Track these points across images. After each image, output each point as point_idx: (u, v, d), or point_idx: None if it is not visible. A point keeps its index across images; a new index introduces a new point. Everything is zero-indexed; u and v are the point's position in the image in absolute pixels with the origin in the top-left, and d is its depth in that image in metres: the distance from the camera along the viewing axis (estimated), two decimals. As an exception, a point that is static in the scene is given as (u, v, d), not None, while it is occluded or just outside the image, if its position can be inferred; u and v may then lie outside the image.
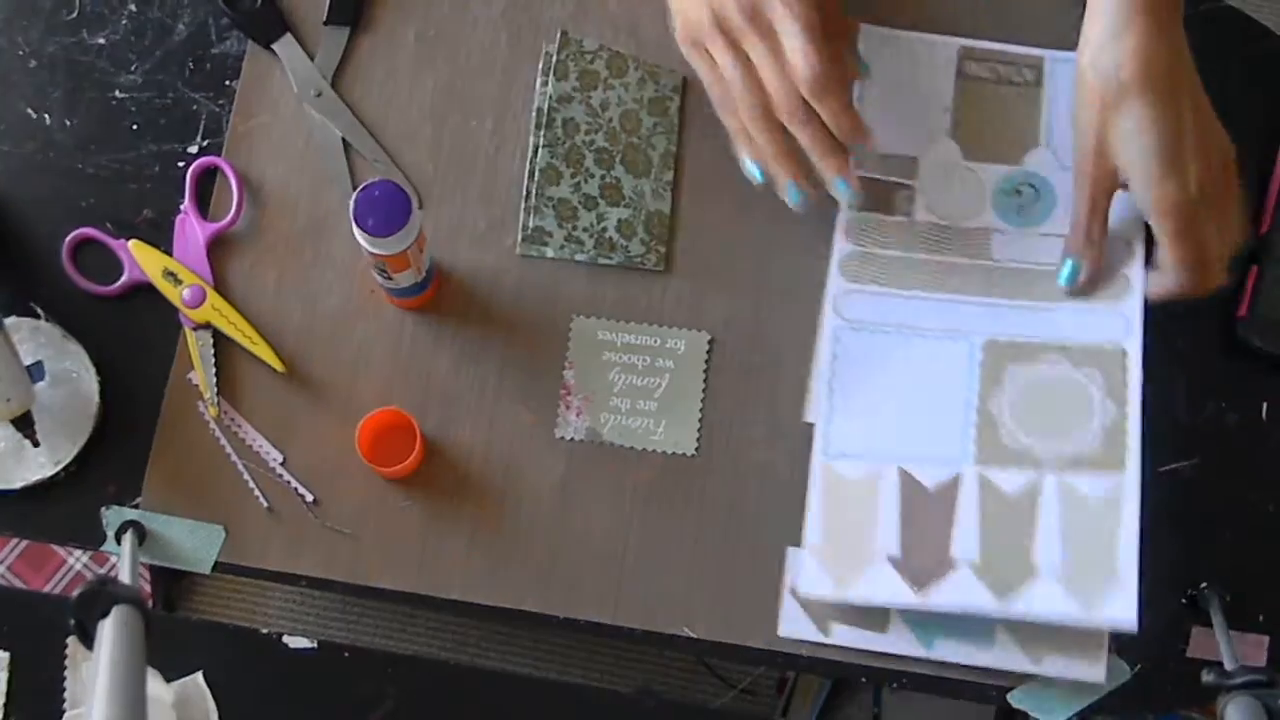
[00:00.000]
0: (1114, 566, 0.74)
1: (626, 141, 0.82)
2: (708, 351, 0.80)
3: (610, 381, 0.80)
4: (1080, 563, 0.74)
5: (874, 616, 0.76)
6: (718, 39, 0.72)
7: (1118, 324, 0.79)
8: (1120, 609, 0.72)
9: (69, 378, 0.78)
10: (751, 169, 0.76)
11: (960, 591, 0.74)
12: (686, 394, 0.80)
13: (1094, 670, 0.74)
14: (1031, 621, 0.74)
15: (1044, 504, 0.75)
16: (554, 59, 0.82)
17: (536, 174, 0.81)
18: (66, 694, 0.75)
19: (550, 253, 0.81)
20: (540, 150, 0.81)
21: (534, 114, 0.82)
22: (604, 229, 0.81)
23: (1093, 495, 0.75)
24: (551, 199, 0.81)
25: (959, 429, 0.77)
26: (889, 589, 0.74)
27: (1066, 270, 0.78)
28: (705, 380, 0.80)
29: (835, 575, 0.75)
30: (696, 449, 0.79)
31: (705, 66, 0.74)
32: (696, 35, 0.73)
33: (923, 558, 0.75)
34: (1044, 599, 0.73)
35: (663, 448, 0.79)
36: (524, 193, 0.81)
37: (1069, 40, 0.85)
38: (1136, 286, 0.79)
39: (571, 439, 0.78)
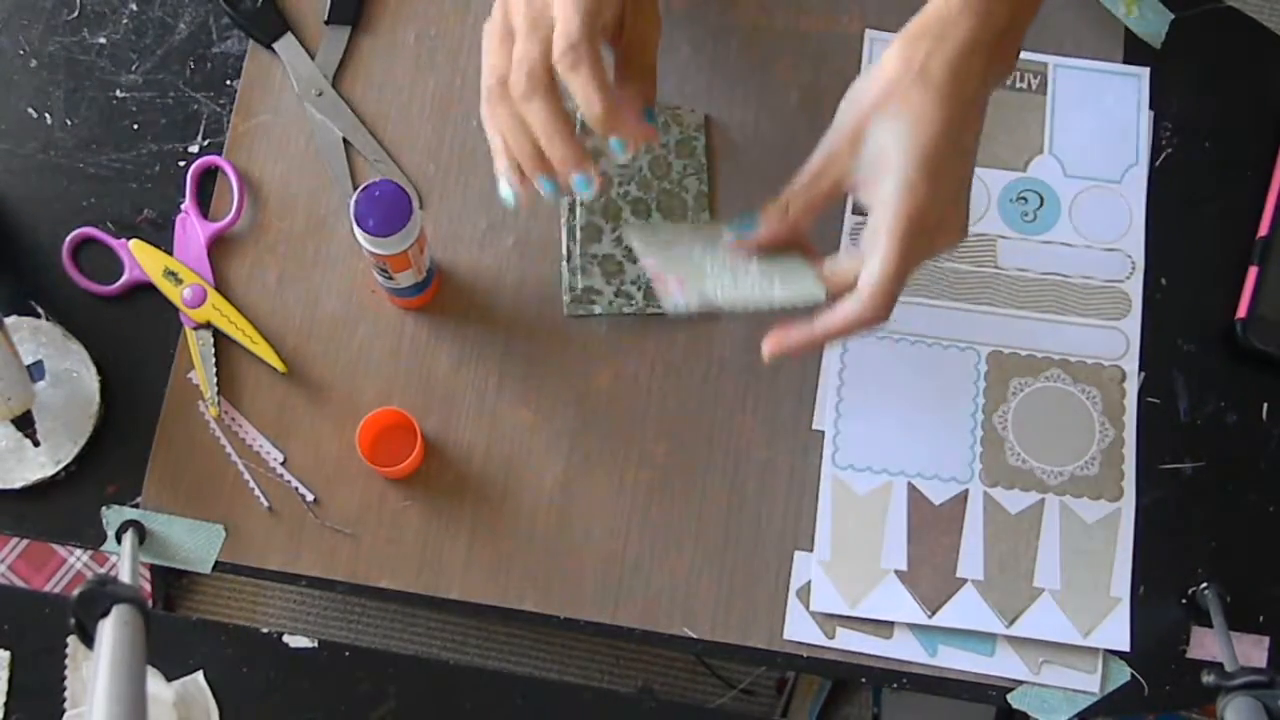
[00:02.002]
0: (1109, 590, 0.77)
1: (660, 188, 0.82)
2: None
3: None
4: (1078, 585, 0.76)
5: (880, 624, 0.76)
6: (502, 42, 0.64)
7: (1118, 342, 0.80)
8: (1114, 631, 0.76)
9: (69, 377, 0.78)
10: (505, 191, 0.65)
11: (967, 612, 0.76)
12: None
13: (1089, 680, 0.76)
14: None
15: (1046, 525, 0.77)
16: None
17: (577, 233, 0.80)
18: (66, 694, 0.75)
19: (599, 309, 0.80)
20: (577, 208, 0.80)
21: None
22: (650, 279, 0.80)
23: (1091, 519, 0.78)
24: (595, 256, 0.80)
25: (965, 445, 0.79)
26: (899, 608, 0.76)
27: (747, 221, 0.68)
28: (706, 378, 0.80)
29: (846, 591, 0.76)
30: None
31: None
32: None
33: (930, 574, 0.76)
34: (1044, 621, 0.76)
35: None
36: (564, 253, 0.81)
37: (1073, 47, 0.86)
38: (1136, 305, 0.80)
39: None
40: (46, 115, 0.84)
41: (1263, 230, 0.83)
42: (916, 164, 0.60)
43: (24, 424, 0.75)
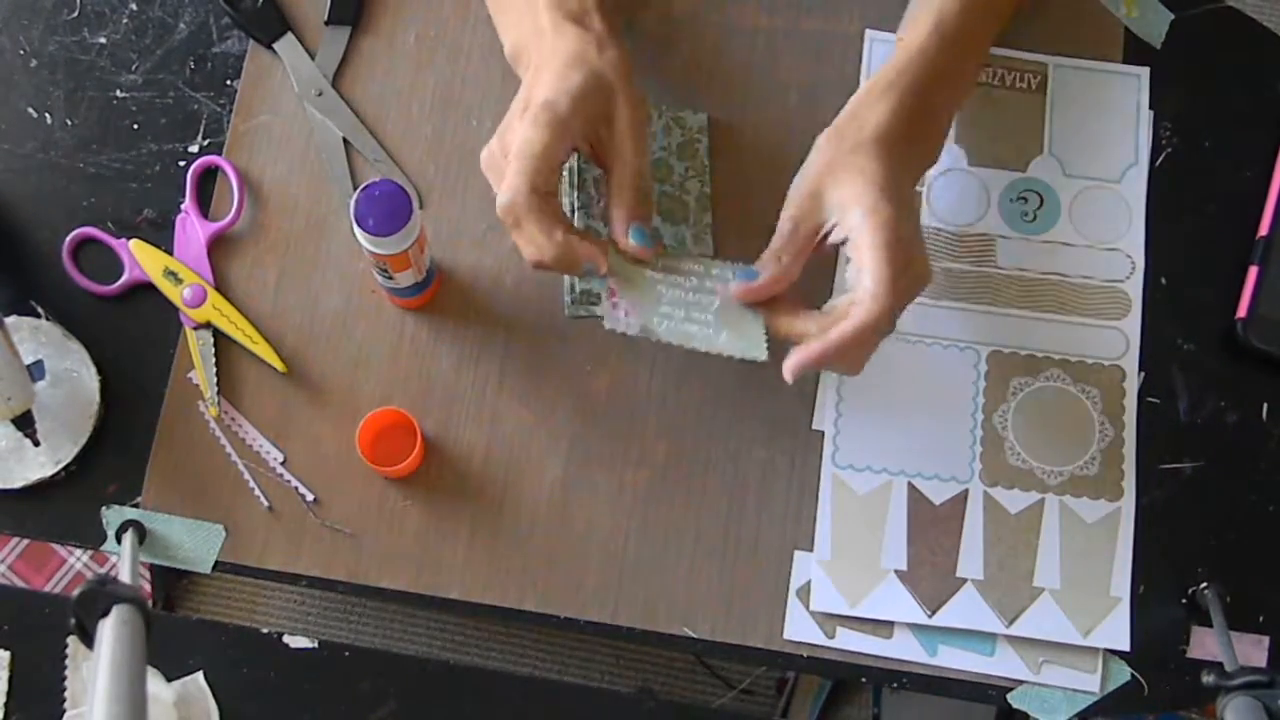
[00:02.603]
0: (1109, 590, 0.77)
1: (661, 191, 0.81)
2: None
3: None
4: (1078, 584, 0.77)
5: (880, 624, 0.76)
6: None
7: (1118, 342, 0.80)
8: (1114, 631, 0.76)
9: (69, 377, 0.78)
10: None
11: (967, 612, 0.76)
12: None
13: (1089, 680, 0.76)
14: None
15: (1046, 525, 0.77)
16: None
17: None
18: (66, 694, 0.75)
19: (600, 311, 0.80)
20: (576, 213, 0.79)
21: (566, 175, 0.81)
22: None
23: (1091, 519, 0.78)
24: None
25: (965, 445, 0.79)
26: (900, 608, 0.76)
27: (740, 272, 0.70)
28: (706, 378, 0.80)
29: (846, 591, 0.76)
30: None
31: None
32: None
33: (930, 574, 0.76)
34: (1044, 621, 0.76)
35: None
36: None
37: (1073, 47, 0.86)
38: (1136, 305, 0.81)
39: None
40: (46, 115, 0.84)
41: (1263, 230, 0.83)
42: (875, 191, 0.66)
43: (24, 424, 0.75)
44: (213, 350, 0.79)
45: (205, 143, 0.83)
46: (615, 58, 0.69)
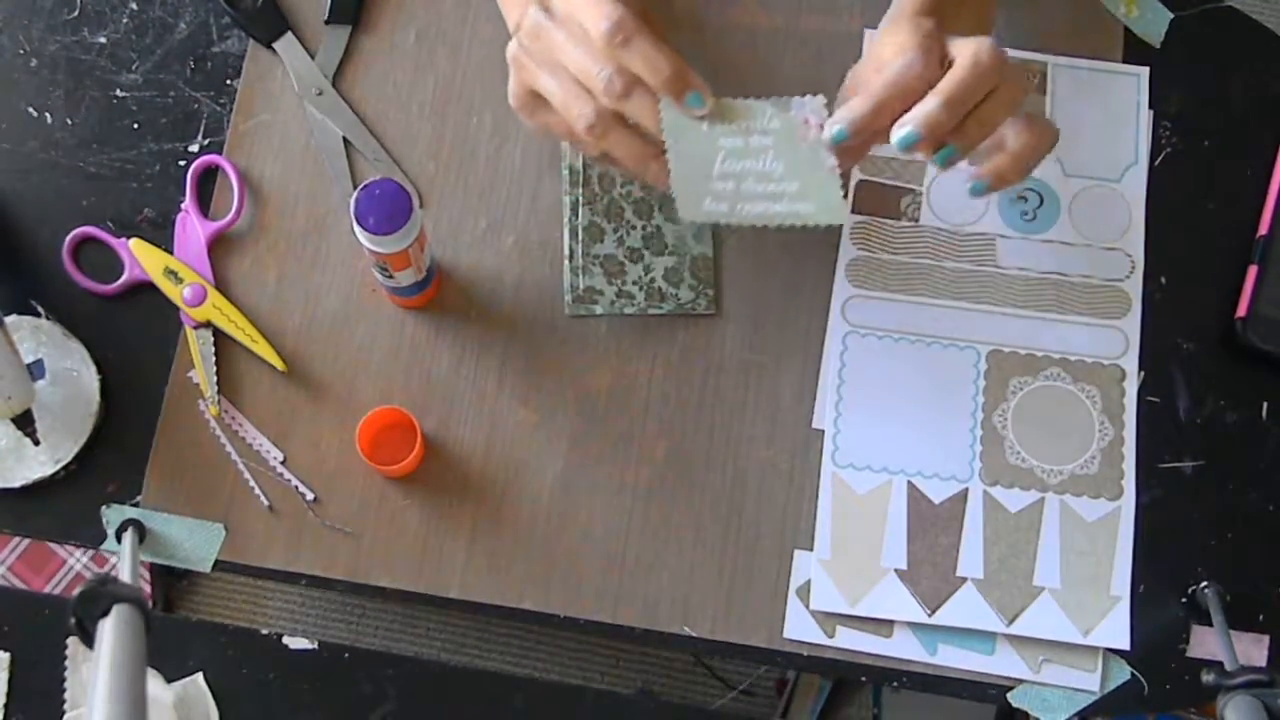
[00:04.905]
0: (1109, 589, 0.77)
1: (663, 191, 0.81)
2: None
3: None
4: (1078, 584, 0.77)
5: (880, 623, 0.76)
6: (534, 66, 0.66)
7: (1117, 341, 0.80)
8: (1114, 630, 0.76)
9: (69, 376, 0.78)
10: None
11: (967, 611, 0.76)
12: None
13: (1089, 679, 0.76)
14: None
15: (1046, 524, 0.77)
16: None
17: (580, 233, 0.80)
18: (66, 694, 0.75)
19: (600, 310, 0.80)
20: (580, 208, 0.80)
21: (567, 172, 0.81)
22: (652, 279, 0.80)
23: (1091, 518, 0.78)
24: (597, 257, 0.80)
25: (965, 444, 0.79)
26: (900, 607, 0.76)
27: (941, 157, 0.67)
28: (706, 378, 0.80)
29: (846, 590, 0.76)
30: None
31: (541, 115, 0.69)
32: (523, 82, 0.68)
33: (930, 573, 0.76)
34: (1044, 620, 0.76)
35: None
36: (566, 252, 0.81)
37: (1073, 47, 0.86)
38: (1136, 305, 0.81)
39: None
40: (46, 115, 0.84)
41: (1263, 229, 0.83)
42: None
43: (24, 423, 0.75)
44: (213, 349, 0.79)
45: (205, 142, 0.83)
46: None
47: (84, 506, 0.77)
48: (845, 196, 0.63)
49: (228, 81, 0.84)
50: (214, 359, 0.79)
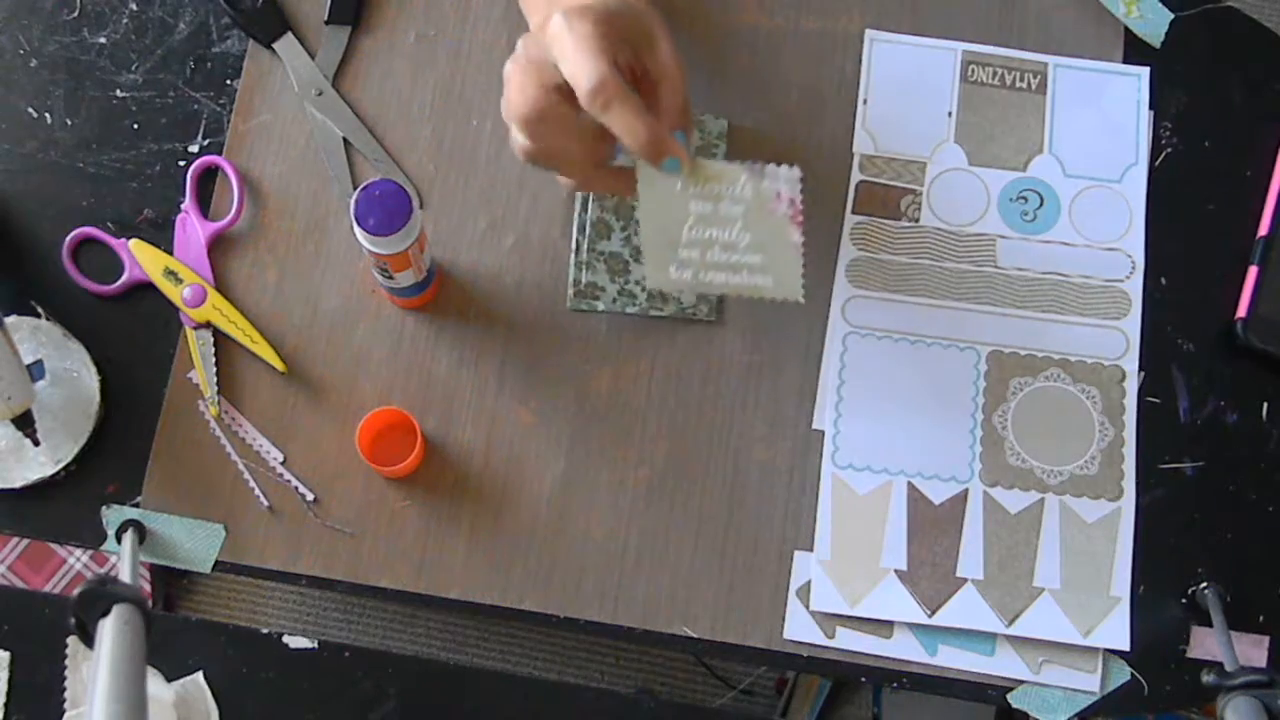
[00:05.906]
0: (1109, 590, 0.77)
1: None
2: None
3: None
4: (1078, 584, 0.77)
5: (880, 624, 0.76)
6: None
7: (1117, 342, 0.80)
8: (1114, 631, 0.76)
9: (69, 377, 0.78)
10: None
11: (967, 611, 0.76)
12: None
13: (1090, 680, 0.76)
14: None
15: (1046, 524, 0.77)
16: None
17: (587, 228, 0.80)
18: (66, 694, 0.75)
19: (602, 306, 0.80)
20: (590, 204, 0.80)
21: None
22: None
23: (1091, 519, 0.78)
24: (603, 254, 0.80)
25: (965, 445, 0.79)
26: (900, 607, 0.76)
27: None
28: (706, 378, 0.80)
29: (846, 591, 0.76)
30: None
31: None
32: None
33: (930, 574, 0.76)
34: (1044, 621, 0.76)
35: None
36: (573, 246, 0.81)
37: (1073, 47, 0.86)
38: (1136, 305, 0.81)
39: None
40: (46, 115, 0.84)
41: (1263, 230, 0.83)
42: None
43: (24, 424, 0.75)
44: (213, 350, 0.79)
45: (205, 142, 0.83)
46: None
47: (84, 507, 0.77)
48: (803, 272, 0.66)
49: (228, 82, 0.84)
50: (214, 359, 0.79)
